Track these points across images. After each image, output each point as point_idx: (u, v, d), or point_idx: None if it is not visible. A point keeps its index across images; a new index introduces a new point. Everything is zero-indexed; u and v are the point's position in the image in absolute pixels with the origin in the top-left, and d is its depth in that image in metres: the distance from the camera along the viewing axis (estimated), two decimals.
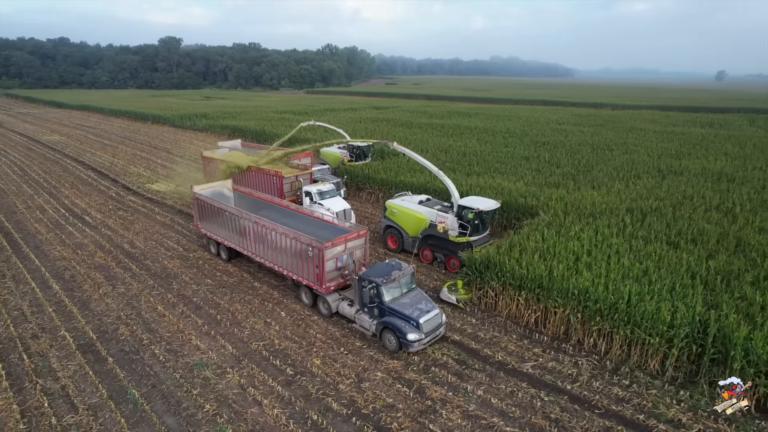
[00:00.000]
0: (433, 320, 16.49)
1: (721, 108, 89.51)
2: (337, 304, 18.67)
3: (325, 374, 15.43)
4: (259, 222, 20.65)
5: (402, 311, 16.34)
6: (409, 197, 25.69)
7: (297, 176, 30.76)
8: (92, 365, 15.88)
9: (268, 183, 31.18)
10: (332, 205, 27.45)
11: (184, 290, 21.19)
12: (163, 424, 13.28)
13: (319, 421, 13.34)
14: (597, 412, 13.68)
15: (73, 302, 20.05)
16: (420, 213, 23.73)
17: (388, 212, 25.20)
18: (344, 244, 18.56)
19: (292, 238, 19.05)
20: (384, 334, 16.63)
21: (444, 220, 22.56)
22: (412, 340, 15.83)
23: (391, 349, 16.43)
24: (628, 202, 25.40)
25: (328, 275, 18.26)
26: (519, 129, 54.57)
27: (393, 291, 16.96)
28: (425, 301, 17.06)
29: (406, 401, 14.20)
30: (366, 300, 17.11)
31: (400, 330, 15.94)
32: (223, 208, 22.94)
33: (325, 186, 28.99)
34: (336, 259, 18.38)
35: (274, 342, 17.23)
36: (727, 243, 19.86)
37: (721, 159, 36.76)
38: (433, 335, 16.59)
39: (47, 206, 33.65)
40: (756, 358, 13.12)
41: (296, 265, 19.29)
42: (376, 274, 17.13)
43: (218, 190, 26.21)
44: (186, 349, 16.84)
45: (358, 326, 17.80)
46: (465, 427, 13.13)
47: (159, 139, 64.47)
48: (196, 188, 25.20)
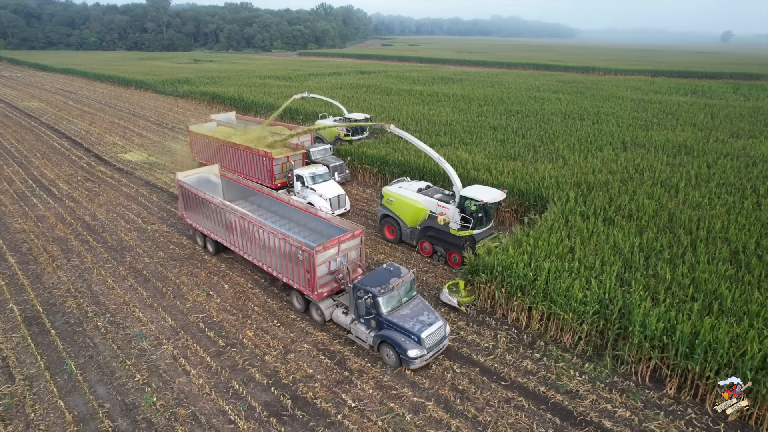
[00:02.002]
0: (436, 334, 14.96)
1: (712, 73, 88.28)
2: (331, 311, 17.12)
3: (255, 345, 16.27)
4: (245, 217, 18.93)
5: (402, 324, 14.85)
6: (407, 184, 23.79)
7: (288, 157, 28.32)
8: (35, 337, 16.69)
9: (256, 164, 28.85)
10: (325, 190, 25.79)
11: (136, 263, 21.87)
12: (93, 394, 14.16)
13: (239, 391, 14.23)
14: (503, 384, 14.55)
15: (26, 275, 20.75)
16: (419, 202, 22.01)
17: (385, 200, 23.42)
18: (337, 246, 16.80)
19: (280, 239, 17.37)
20: (382, 348, 15.26)
21: (444, 211, 21.00)
22: (413, 356, 14.47)
23: (390, 365, 15.17)
24: (579, 176, 25.75)
25: (320, 281, 16.57)
26: (497, 96, 54.17)
27: (392, 301, 15.38)
28: (427, 312, 15.58)
29: (326, 372, 15.07)
30: (362, 311, 15.54)
31: (400, 346, 14.58)
32: (208, 199, 20.94)
33: (318, 169, 26.95)
34: (329, 263, 16.70)
35: (213, 314, 18.02)
36: (659, 219, 20.38)
37: (687, 130, 36.80)
38: (437, 349, 15.18)
39: (15, 177, 33.99)
40: (651, 333, 13.86)
41: (286, 267, 17.65)
42: (372, 282, 15.40)
43: (204, 176, 24.48)
44: (128, 321, 17.63)
45: (354, 337, 16.31)
46: (375, 396, 14.03)
47: (139, 106, 63.97)
48: (179, 175, 23.16)
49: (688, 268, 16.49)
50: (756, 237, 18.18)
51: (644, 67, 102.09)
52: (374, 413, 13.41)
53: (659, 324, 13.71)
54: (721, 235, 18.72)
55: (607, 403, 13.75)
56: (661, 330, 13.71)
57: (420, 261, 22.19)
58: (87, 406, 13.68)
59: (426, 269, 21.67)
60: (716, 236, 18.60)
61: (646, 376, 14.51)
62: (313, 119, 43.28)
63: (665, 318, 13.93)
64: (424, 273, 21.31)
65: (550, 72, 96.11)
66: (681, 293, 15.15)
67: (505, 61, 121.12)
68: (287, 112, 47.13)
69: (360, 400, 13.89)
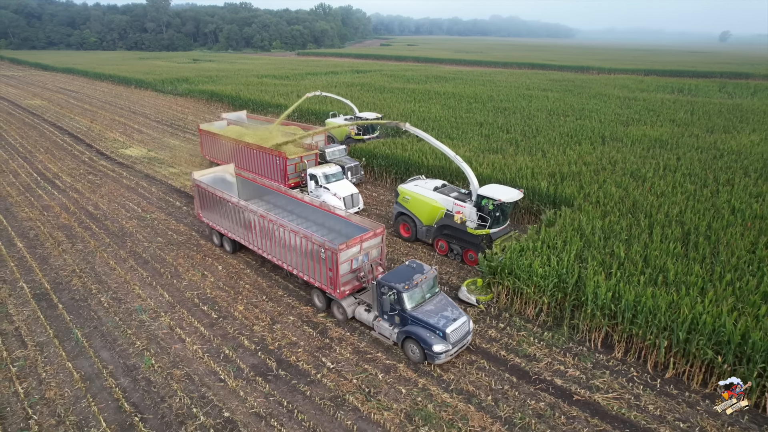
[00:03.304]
0: (460, 329, 15.19)
1: (703, 72, 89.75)
2: (353, 308, 17.34)
3: (245, 318, 17.82)
4: (265, 216, 18.95)
5: (426, 320, 15.03)
6: (423, 182, 23.84)
7: (301, 157, 28.57)
8: (44, 311, 18.23)
9: (270, 164, 28.95)
10: (339, 189, 25.79)
11: (136, 247, 23.40)
12: (98, 357, 15.70)
13: (229, 355, 15.78)
14: (468, 349, 16.06)
15: (34, 258, 22.29)
16: (435, 201, 22.12)
17: (401, 198, 23.50)
18: (359, 244, 16.94)
19: (302, 237, 17.49)
20: (406, 344, 15.45)
21: (461, 209, 21.16)
22: (439, 351, 14.64)
23: (415, 360, 15.34)
24: (554, 167, 27.26)
25: (343, 278, 16.72)
26: (487, 94, 55.74)
27: (415, 297, 15.59)
28: (451, 308, 15.72)
29: (309, 339, 16.61)
30: (386, 308, 15.76)
31: (425, 341, 14.75)
32: (226, 198, 20.90)
33: (332, 168, 27.12)
34: (351, 261, 16.89)
35: (206, 291, 19.56)
36: (623, 205, 21.91)
37: (666, 126, 38.35)
38: (461, 344, 15.36)
39: (20, 170, 35.53)
40: (601, 302, 15.39)
41: (307, 265, 17.76)
42: (396, 279, 15.62)
43: (220, 175, 24.52)
44: (129, 298, 19.17)
45: (377, 334, 16.46)
46: (351, 359, 15.57)
47: (139, 104, 65.48)
48: (195, 174, 23.17)
49: (642, 247, 18.02)
50: (708, 220, 19.70)
51: (638, 67, 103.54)
52: (350, 373, 14.95)
53: (608, 294, 15.25)
54: (678, 219, 20.25)
55: (560, 365, 15.29)
56: (609, 299, 15.24)
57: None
58: (93, 368, 15.22)
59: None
60: (672, 219, 20.14)
61: (598, 342, 16.07)
62: (322, 118, 43.77)
63: (615, 289, 15.46)
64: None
65: (545, 71, 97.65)
66: (631, 268, 16.67)
67: (501, 60, 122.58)
68: (296, 112, 46.65)
69: (338, 363, 15.43)
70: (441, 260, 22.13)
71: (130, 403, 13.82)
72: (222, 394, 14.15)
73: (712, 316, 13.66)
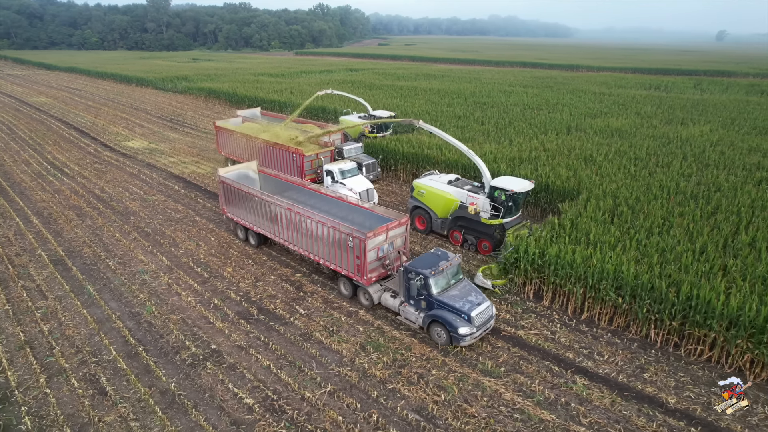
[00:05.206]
0: (484, 313, 15.91)
1: (687, 70, 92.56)
2: (379, 295, 18.12)
3: (232, 277, 20.78)
4: (292, 209, 19.74)
5: (452, 304, 15.76)
6: (437, 176, 24.93)
7: (318, 154, 29.66)
8: (61, 272, 21.18)
9: (287, 160, 29.96)
10: (354, 184, 26.60)
11: (139, 223, 26.36)
12: (108, 306, 18.65)
13: (218, 304, 18.72)
14: None
15: (49, 232, 25.24)
16: (449, 194, 23.19)
17: (416, 192, 24.53)
18: (386, 233, 17.74)
19: (330, 227, 18.26)
20: (432, 328, 16.17)
21: (475, 201, 22.12)
22: (464, 334, 15.35)
23: (441, 343, 16.09)
24: (516, 153, 30.14)
25: (370, 266, 17.55)
26: (469, 90, 58.64)
27: (441, 282, 16.37)
28: (475, 293, 16.47)
29: (286, 293, 19.57)
30: (413, 292, 16.40)
31: (451, 324, 15.46)
32: (252, 193, 21.79)
33: (347, 164, 27.95)
34: (377, 249, 17.72)
35: (200, 257, 22.53)
36: (568, 183, 24.80)
37: (629, 118, 41.23)
38: (485, 328, 16.06)
39: (32, 160, 38.51)
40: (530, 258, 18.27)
41: (334, 254, 18.61)
42: (423, 265, 16.49)
43: (243, 172, 25.26)
44: (133, 262, 22.13)
45: (403, 318, 17.20)
46: (321, 307, 18.52)
47: (140, 101, 68.46)
48: (221, 171, 23.99)
49: (575, 216, 20.91)
50: (636, 194, 22.62)
51: (625, 65, 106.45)
52: (318, 317, 17.91)
53: (536, 251, 18.16)
54: (611, 192, 23.14)
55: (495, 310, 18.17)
56: (537, 255, 18.15)
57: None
58: (103, 314, 18.17)
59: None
60: (607, 194, 23.02)
61: (530, 293, 18.98)
62: (331, 116, 45.38)
63: (542, 247, 18.36)
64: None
65: (535, 69, 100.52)
66: (561, 231, 19.57)
67: (494, 59, 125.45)
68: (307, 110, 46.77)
69: (309, 309, 18.40)
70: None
71: (135, 338, 16.75)
72: (211, 332, 17.10)
73: (615, 265, 16.56)
